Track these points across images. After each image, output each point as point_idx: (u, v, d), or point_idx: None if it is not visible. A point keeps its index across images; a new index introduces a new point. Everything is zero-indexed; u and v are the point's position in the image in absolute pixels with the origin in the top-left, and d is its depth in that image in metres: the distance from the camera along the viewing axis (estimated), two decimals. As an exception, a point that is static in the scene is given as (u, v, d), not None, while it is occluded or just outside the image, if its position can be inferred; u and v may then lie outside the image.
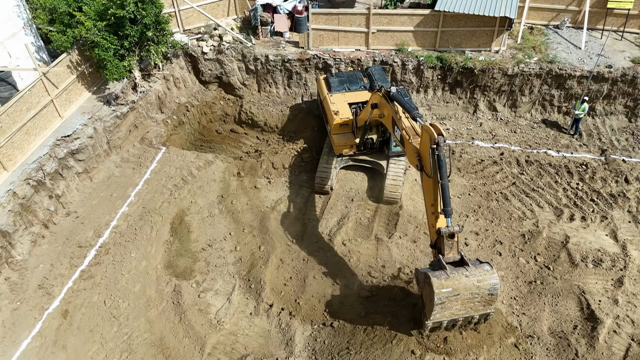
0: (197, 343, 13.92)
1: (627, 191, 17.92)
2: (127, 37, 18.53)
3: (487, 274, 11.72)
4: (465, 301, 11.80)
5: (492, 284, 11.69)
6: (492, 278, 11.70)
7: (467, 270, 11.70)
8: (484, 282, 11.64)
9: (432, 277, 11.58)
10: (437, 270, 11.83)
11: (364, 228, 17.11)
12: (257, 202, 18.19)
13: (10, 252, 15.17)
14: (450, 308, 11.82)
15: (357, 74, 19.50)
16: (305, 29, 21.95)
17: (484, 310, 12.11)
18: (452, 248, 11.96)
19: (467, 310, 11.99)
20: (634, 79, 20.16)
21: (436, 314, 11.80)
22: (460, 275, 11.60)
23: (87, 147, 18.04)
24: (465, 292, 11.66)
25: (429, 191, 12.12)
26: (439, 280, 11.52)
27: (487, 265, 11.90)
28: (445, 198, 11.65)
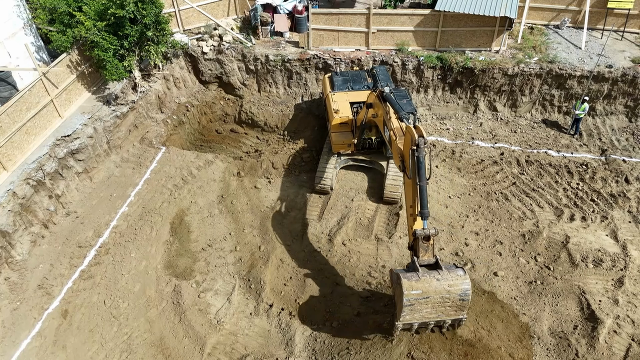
0: (197, 343, 13.91)
1: (627, 191, 17.91)
2: (127, 37, 18.53)
3: (459, 279, 11.61)
4: (436, 305, 11.71)
5: (463, 290, 11.58)
6: (463, 284, 11.59)
7: (439, 274, 11.59)
8: (455, 287, 11.55)
9: (402, 278, 11.51)
10: (410, 272, 11.75)
11: (364, 228, 17.10)
12: (257, 202, 18.18)
13: (10, 252, 15.17)
14: (420, 311, 11.74)
15: (361, 73, 19.50)
16: (305, 29, 21.94)
17: (456, 316, 11.97)
18: (427, 251, 11.87)
19: (438, 314, 11.88)
20: (634, 79, 20.15)
21: (405, 315, 11.72)
22: (431, 279, 11.52)
23: (87, 147, 18.03)
24: (436, 296, 11.56)
25: (409, 193, 12.11)
26: (410, 281, 11.47)
27: (461, 271, 11.76)
28: (423, 200, 11.58)
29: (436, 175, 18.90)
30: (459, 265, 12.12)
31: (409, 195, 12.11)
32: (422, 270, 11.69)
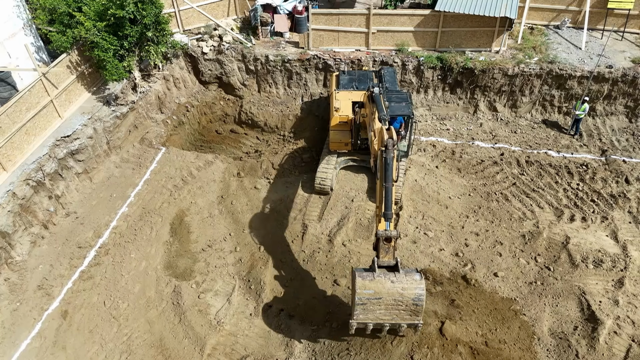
0: (197, 344, 13.90)
1: (627, 192, 17.90)
2: (127, 38, 18.52)
3: (413, 283, 11.49)
4: (389, 307, 11.63)
5: (417, 295, 11.48)
6: (418, 288, 11.47)
7: (395, 276, 11.50)
8: (408, 290, 11.45)
9: (357, 277, 11.50)
10: (368, 271, 11.70)
11: (364, 229, 17.08)
12: (257, 202, 18.17)
13: (10, 253, 15.16)
14: (374, 311, 11.68)
15: (369, 73, 19.45)
16: (305, 29, 21.93)
17: (411, 320, 11.91)
18: (388, 252, 11.78)
19: (392, 316, 11.81)
20: (634, 79, 20.14)
21: (359, 314, 11.71)
22: (385, 280, 11.42)
23: (87, 147, 18.02)
24: (389, 298, 11.48)
25: (378, 193, 12.13)
26: (363, 281, 11.46)
27: (418, 276, 11.61)
28: (387, 202, 11.59)
29: (436, 175, 18.89)
30: (419, 270, 11.97)
31: (378, 196, 12.14)
32: (379, 271, 11.63)
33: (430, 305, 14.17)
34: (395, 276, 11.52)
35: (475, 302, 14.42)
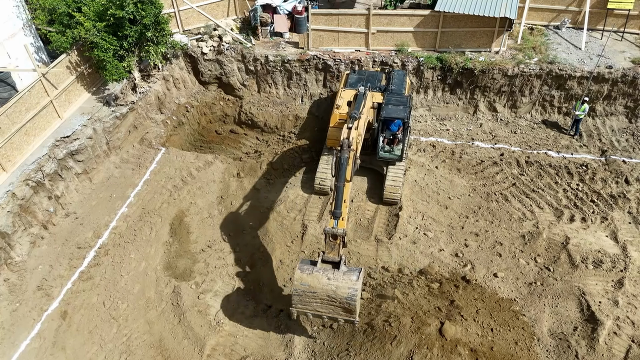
0: (197, 344, 13.90)
1: (627, 192, 17.89)
2: (127, 38, 18.51)
3: (348, 283, 11.69)
4: (324, 302, 11.94)
5: (349, 294, 11.67)
6: (351, 289, 11.66)
7: (332, 274, 11.78)
8: (341, 289, 11.68)
9: (297, 269, 11.93)
10: (310, 264, 12.06)
11: (364, 229, 17.08)
12: (257, 202, 18.16)
13: (10, 253, 15.15)
14: (310, 303, 12.05)
15: (378, 74, 19.33)
16: (305, 30, 21.91)
17: (347, 317, 12.16)
18: (334, 249, 12.10)
19: (328, 310, 12.13)
20: (634, 80, 20.12)
21: (296, 304, 12.16)
22: (322, 276, 11.75)
23: (87, 147, 18.02)
24: (322, 294, 11.79)
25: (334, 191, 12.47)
26: (302, 273, 11.86)
27: (355, 276, 11.78)
28: (337, 200, 11.91)
29: (436, 176, 18.89)
30: (360, 271, 12.06)
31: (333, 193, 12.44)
32: (321, 265, 11.97)
33: (430, 306, 14.18)
34: (333, 274, 11.81)
35: (475, 302, 14.42)
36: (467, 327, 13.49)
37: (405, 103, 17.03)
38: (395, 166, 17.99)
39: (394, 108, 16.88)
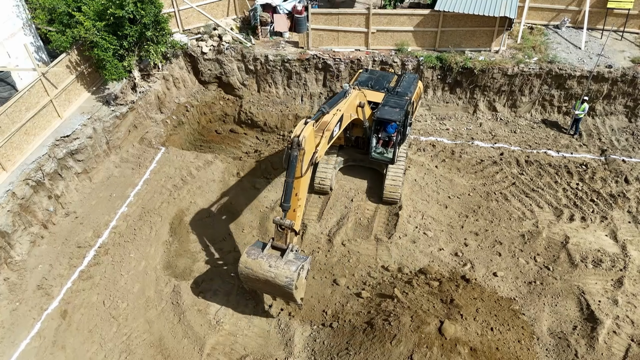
0: (196, 343, 13.90)
1: (627, 191, 17.91)
2: (127, 37, 18.53)
3: (285, 272, 12.41)
4: (267, 285, 12.77)
5: (286, 282, 12.41)
6: (287, 277, 12.38)
7: (275, 261, 12.56)
8: (279, 277, 12.45)
9: (244, 251, 12.84)
10: (259, 248, 12.87)
11: (364, 228, 17.09)
12: (257, 202, 18.17)
13: (9, 253, 15.17)
14: (256, 284, 12.97)
15: (390, 76, 19.02)
16: (304, 29, 21.93)
17: (289, 300, 13.09)
18: (282, 237, 12.85)
19: (274, 292, 13.10)
20: (634, 79, 20.14)
21: (244, 282, 13.22)
22: (265, 263, 12.54)
23: (87, 147, 18.03)
24: (263, 278, 12.62)
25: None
26: (247, 257, 12.74)
27: (294, 267, 12.42)
28: (286, 195, 12.46)
29: (436, 175, 18.90)
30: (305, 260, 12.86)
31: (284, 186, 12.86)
32: (267, 251, 12.81)
33: (429, 305, 14.18)
34: (275, 261, 12.58)
35: (475, 301, 14.42)
36: (466, 326, 13.50)
37: (403, 106, 16.90)
38: (395, 166, 17.99)
39: (390, 110, 16.79)
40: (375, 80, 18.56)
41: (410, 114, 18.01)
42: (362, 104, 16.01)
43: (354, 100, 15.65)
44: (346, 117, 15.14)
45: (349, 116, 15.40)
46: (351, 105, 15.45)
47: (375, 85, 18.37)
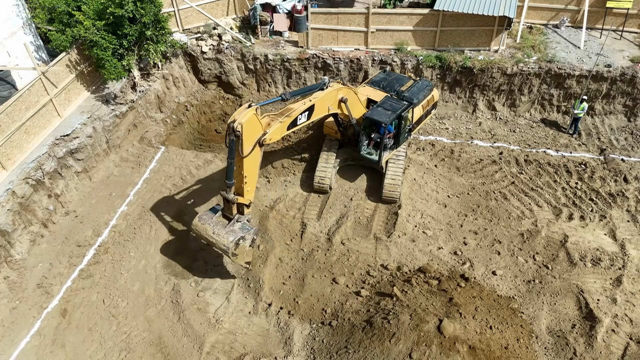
0: (196, 342, 13.93)
1: (625, 190, 17.93)
2: (126, 37, 18.55)
3: (224, 241, 14.03)
4: (215, 245, 14.37)
5: (223, 249, 14.06)
6: (224, 247, 14.00)
7: (218, 228, 14.19)
8: (219, 243, 14.09)
9: (198, 215, 14.63)
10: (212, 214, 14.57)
11: (363, 227, 17.12)
12: (256, 201, 18.16)
13: (10, 251, 15.20)
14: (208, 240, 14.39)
15: (404, 80, 18.71)
16: (304, 29, 21.95)
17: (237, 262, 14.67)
18: (228, 209, 14.31)
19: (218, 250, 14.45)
20: (633, 79, 20.16)
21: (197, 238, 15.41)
22: (210, 229, 14.24)
23: (86, 146, 18.05)
24: (207, 240, 14.41)
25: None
26: (198, 220, 14.48)
27: (232, 237, 14.02)
28: (228, 172, 13.65)
29: (435, 174, 18.92)
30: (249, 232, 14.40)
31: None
32: (218, 218, 14.47)
33: (428, 303, 14.20)
34: (219, 229, 14.20)
35: (474, 300, 14.45)
36: (465, 325, 13.52)
37: (396, 110, 16.78)
38: (395, 165, 18.03)
39: (381, 111, 16.76)
40: (388, 82, 18.46)
41: (409, 121, 17.64)
42: (344, 99, 16.00)
43: (333, 94, 15.69)
44: (320, 109, 15.47)
45: (325, 109, 15.63)
46: (328, 98, 15.54)
47: (387, 86, 18.25)
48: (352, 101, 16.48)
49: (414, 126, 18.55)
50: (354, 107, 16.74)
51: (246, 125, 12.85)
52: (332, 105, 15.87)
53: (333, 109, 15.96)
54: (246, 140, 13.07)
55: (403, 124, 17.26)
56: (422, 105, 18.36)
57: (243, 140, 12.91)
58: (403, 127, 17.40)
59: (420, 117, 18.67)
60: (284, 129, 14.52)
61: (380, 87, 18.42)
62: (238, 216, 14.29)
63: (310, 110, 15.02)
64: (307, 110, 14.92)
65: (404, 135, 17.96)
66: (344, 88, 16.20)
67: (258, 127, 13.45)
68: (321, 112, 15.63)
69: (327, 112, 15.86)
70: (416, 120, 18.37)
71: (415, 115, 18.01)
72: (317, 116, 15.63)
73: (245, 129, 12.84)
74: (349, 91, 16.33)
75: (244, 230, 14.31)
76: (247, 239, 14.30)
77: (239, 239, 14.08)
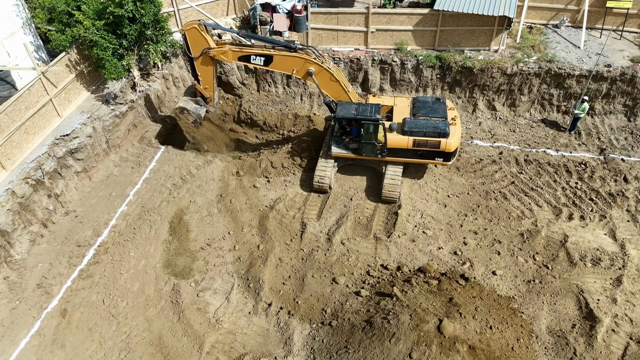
0: (196, 342, 13.93)
1: (625, 190, 17.93)
2: (126, 36, 18.55)
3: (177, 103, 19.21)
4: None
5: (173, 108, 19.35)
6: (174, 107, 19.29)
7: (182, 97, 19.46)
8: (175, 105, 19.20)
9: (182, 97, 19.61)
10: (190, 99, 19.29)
11: (363, 227, 17.12)
12: (256, 201, 18.19)
13: (9, 251, 15.18)
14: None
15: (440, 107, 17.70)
16: (304, 28, 21.95)
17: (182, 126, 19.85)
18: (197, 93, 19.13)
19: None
20: (633, 78, 20.17)
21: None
22: (181, 97, 19.65)
23: (86, 146, 18.04)
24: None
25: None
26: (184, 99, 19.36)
27: (182, 104, 18.87)
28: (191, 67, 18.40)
29: (435, 174, 18.92)
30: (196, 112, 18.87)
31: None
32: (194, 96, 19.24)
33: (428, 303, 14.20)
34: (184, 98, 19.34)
35: (474, 300, 14.44)
36: (465, 325, 13.51)
37: (369, 118, 16.74)
38: (394, 165, 18.03)
39: (367, 109, 17.11)
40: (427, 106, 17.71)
41: (374, 136, 17.15)
42: (310, 72, 17.31)
43: (299, 61, 17.22)
44: (281, 66, 17.64)
45: (287, 68, 17.59)
46: (292, 61, 17.28)
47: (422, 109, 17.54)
48: (323, 79, 17.57)
49: (385, 150, 17.40)
50: (327, 86, 17.78)
51: (188, 33, 17.26)
52: (298, 71, 17.50)
53: (298, 75, 17.65)
54: (192, 45, 17.48)
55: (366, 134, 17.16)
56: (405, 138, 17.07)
57: (189, 43, 17.37)
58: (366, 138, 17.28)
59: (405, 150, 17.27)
60: (235, 56, 17.61)
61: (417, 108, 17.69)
62: (199, 99, 18.89)
63: (268, 58, 17.38)
64: (264, 57, 17.36)
65: (369, 149, 17.53)
66: (314, 63, 17.22)
67: (201, 39, 17.28)
68: (283, 69, 17.78)
69: (291, 73, 17.67)
70: (394, 147, 17.29)
71: (393, 141, 17.16)
72: (277, 69, 17.94)
73: (188, 35, 17.27)
74: (321, 69, 17.33)
75: (193, 107, 18.60)
76: (191, 114, 18.66)
77: (184, 110, 18.60)
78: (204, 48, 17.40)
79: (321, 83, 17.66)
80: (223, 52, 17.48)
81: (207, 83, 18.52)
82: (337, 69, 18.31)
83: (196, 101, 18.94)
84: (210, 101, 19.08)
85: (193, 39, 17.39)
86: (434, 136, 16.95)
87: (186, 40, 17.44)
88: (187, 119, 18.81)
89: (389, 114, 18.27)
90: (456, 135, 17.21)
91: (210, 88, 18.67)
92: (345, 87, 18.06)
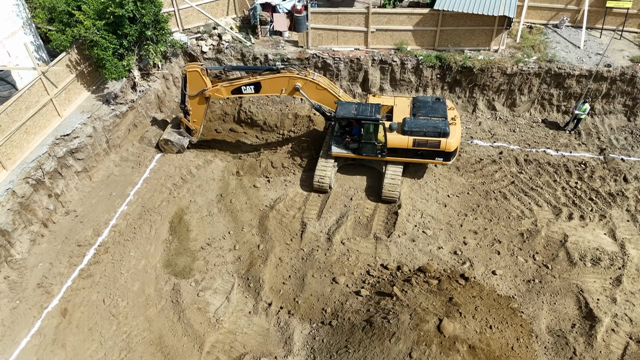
0: (196, 341, 13.95)
1: (625, 190, 17.94)
2: (126, 36, 18.56)
3: (163, 135, 19.89)
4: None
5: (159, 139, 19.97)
6: (161, 138, 19.86)
7: (169, 129, 20.08)
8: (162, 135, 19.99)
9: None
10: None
11: (363, 227, 17.13)
12: (256, 201, 18.21)
13: (10, 251, 15.20)
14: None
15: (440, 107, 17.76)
16: (304, 28, 21.96)
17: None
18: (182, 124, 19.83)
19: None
20: (632, 78, 20.18)
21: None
22: (167, 128, 20.19)
23: (87, 146, 18.06)
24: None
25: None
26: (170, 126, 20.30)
27: (167, 136, 19.75)
28: (181, 98, 19.04)
29: (435, 174, 18.93)
30: (179, 144, 19.71)
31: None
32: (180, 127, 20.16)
33: (428, 303, 14.22)
34: (169, 130, 20.11)
35: (474, 299, 14.46)
36: (465, 324, 13.54)
37: (368, 117, 16.80)
38: (394, 164, 18.05)
39: (368, 109, 17.15)
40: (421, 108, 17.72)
41: (374, 136, 17.24)
42: (297, 87, 17.78)
43: (283, 81, 17.73)
44: (270, 89, 18.14)
45: (275, 89, 18.09)
46: (278, 82, 17.82)
47: (422, 109, 17.63)
48: (310, 90, 17.97)
49: (385, 149, 17.45)
50: (316, 95, 18.15)
51: (189, 75, 18.12)
52: (286, 89, 18.01)
53: (287, 93, 18.18)
54: (190, 84, 18.32)
55: (366, 134, 17.26)
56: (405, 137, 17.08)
57: (188, 82, 18.24)
58: (366, 138, 17.34)
59: (405, 150, 17.33)
60: (228, 91, 18.36)
61: (417, 108, 17.75)
62: (183, 131, 19.73)
63: (256, 85, 17.94)
64: (253, 85, 17.93)
65: (370, 148, 17.61)
66: (299, 79, 17.71)
67: (200, 81, 18.14)
68: (271, 91, 18.33)
69: (280, 93, 18.19)
70: (394, 147, 17.30)
71: (393, 141, 17.19)
72: (267, 93, 18.51)
73: (188, 76, 18.12)
74: (305, 82, 17.78)
75: (177, 139, 19.58)
76: (175, 145, 19.62)
77: (168, 141, 19.53)
78: (201, 89, 18.33)
79: (310, 94, 18.00)
80: (217, 90, 18.33)
81: (197, 118, 19.40)
82: (323, 78, 18.63)
83: (179, 132, 19.83)
84: (195, 133, 19.90)
85: (193, 80, 18.23)
86: (434, 136, 16.99)
87: (185, 79, 18.29)
88: (171, 149, 19.82)
89: (389, 113, 18.29)
90: (456, 135, 17.25)
91: (199, 122, 19.59)
92: (335, 93, 18.22)
